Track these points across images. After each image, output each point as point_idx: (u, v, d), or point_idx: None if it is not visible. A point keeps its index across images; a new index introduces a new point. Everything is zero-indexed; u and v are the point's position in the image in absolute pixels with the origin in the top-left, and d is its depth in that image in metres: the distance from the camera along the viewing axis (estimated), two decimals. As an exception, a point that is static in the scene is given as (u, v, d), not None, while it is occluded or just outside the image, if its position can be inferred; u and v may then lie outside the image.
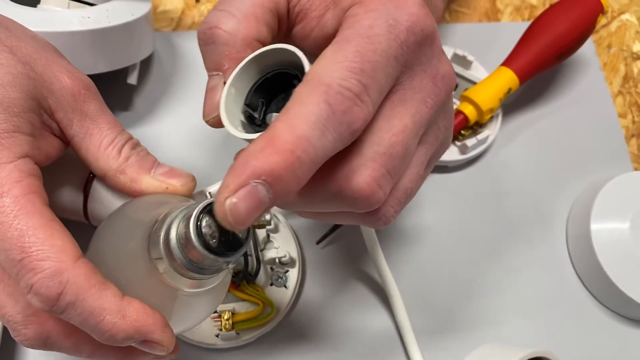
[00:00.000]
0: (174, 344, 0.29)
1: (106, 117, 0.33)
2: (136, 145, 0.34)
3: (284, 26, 0.31)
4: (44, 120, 0.31)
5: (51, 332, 0.30)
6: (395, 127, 0.26)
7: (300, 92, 0.24)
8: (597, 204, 0.48)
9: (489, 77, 0.50)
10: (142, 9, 0.46)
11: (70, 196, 0.37)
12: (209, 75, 0.29)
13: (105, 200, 0.36)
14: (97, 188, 0.36)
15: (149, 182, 0.33)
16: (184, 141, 0.50)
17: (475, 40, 0.58)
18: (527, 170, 0.53)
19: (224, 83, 0.28)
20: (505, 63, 0.51)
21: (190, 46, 0.54)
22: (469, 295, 0.47)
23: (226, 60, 0.28)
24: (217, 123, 0.29)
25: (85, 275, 0.27)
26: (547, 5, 0.58)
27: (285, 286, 0.45)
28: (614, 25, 0.61)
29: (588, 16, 0.51)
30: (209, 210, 0.26)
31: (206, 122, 0.30)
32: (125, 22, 0.44)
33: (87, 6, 0.44)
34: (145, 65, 0.52)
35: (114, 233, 0.30)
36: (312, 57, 0.28)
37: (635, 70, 0.59)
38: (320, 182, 0.26)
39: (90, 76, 0.44)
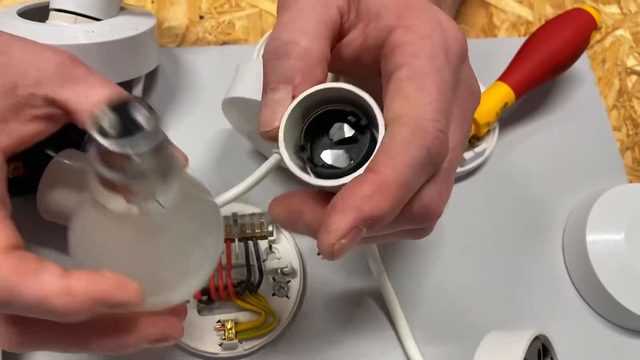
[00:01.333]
0: (142, 297, 0.27)
1: (96, 76, 0.33)
2: None
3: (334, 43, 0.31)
4: (22, 98, 0.31)
5: (9, 334, 0.28)
6: (451, 144, 0.28)
7: (401, 136, 0.26)
8: (593, 216, 0.49)
9: (486, 92, 0.51)
10: (146, 24, 0.47)
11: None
12: (272, 89, 0.29)
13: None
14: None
15: None
16: (188, 154, 0.50)
17: (472, 56, 0.58)
18: (523, 182, 0.54)
19: (293, 97, 0.28)
20: (502, 78, 0.52)
21: (194, 61, 0.55)
22: (467, 305, 0.48)
23: (299, 74, 0.28)
24: (272, 137, 0.28)
25: (13, 267, 0.25)
26: (543, 22, 0.59)
27: (287, 296, 0.45)
28: (608, 41, 0.63)
29: (582, 32, 0.52)
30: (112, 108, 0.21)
31: (263, 133, 0.28)
32: (128, 36, 0.45)
33: (93, 21, 0.45)
34: (150, 79, 0.53)
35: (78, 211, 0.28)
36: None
37: (630, 85, 0.60)
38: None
39: None
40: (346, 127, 0.27)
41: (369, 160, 0.26)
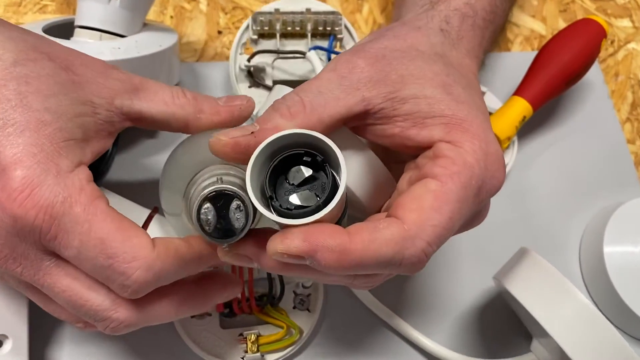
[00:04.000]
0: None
1: (150, 81, 0.35)
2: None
3: (357, 122, 0.32)
4: (101, 118, 0.32)
5: (144, 301, 0.32)
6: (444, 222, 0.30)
7: (390, 235, 0.28)
8: (609, 229, 0.49)
9: (503, 107, 0.52)
10: (170, 40, 0.47)
11: None
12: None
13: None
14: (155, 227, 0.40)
15: (224, 110, 0.35)
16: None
17: (486, 70, 0.59)
18: (540, 195, 0.54)
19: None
20: (518, 92, 0.52)
21: (213, 76, 0.55)
22: (482, 319, 0.48)
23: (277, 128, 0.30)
24: (231, 148, 0.30)
25: (171, 258, 0.31)
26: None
27: (308, 309, 0.46)
28: (620, 54, 0.63)
29: (592, 42, 0.53)
30: (210, 197, 0.29)
31: (221, 140, 0.30)
32: (153, 53, 0.45)
33: (118, 38, 0.45)
34: None
35: None
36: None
37: (643, 98, 0.60)
38: (371, 255, 0.28)
39: None
40: (303, 168, 0.29)
41: (336, 196, 0.27)
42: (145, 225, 0.41)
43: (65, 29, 0.46)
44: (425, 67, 0.33)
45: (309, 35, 0.52)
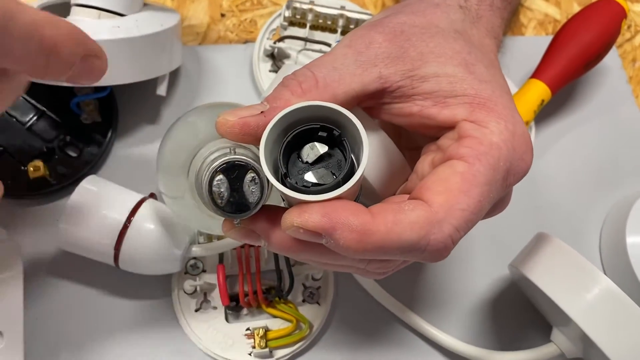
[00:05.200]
0: None
1: None
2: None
3: (372, 101, 0.31)
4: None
5: None
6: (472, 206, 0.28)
7: (416, 217, 0.27)
8: (632, 219, 0.47)
9: (520, 91, 0.50)
10: (172, 20, 0.46)
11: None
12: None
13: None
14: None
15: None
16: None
17: (500, 54, 0.57)
18: (557, 183, 0.52)
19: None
20: (536, 75, 0.51)
21: (216, 60, 0.53)
22: (498, 310, 0.47)
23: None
24: (240, 129, 0.28)
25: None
26: None
27: (318, 302, 0.44)
28: (637, 40, 0.61)
29: (612, 22, 0.51)
30: (223, 169, 0.28)
31: (228, 121, 0.28)
32: (154, 32, 0.43)
33: (117, 16, 0.43)
34: (173, 78, 0.51)
35: None
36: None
37: (662, 84, 0.58)
38: (394, 238, 0.27)
39: (120, 86, 0.45)
40: (317, 144, 0.27)
41: (357, 171, 0.26)
42: (135, 210, 0.39)
43: (62, 8, 0.44)
44: (446, 44, 0.31)
45: (340, 31, 0.51)
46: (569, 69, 0.50)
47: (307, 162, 0.27)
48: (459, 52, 0.31)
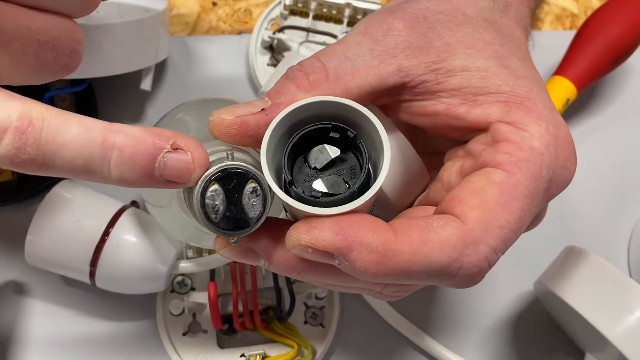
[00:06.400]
0: None
1: None
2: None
3: (389, 98, 0.28)
4: None
5: None
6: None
7: (448, 236, 0.24)
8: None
9: (543, 88, 0.46)
10: (158, 6, 0.42)
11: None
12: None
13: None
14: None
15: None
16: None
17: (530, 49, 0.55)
18: (581, 189, 0.49)
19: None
20: (560, 72, 0.47)
21: (207, 51, 0.50)
22: (521, 333, 0.44)
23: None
24: (238, 130, 0.25)
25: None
26: (589, 14, 0.55)
27: (321, 324, 0.41)
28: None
29: None
30: (219, 177, 0.24)
31: (224, 120, 0.25)
32: (138, 19, 0.40)
33: (97, 0, 0.39)
34: (159, 71, 0.48)
35: None
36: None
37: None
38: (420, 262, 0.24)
39: (100, 80, 0.42)
40: (328, 147, 0.25)
41: (377, 180, 0.23)
42: (114, 220, 0.37)
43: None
44: (475, 34, 0.29)
45: (346, 21, 0.48)
46: (597, 64, 0.47)
47: (315, 168, 0.25)
48: (491, 44, 0.29)
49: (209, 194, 0.24)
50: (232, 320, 0.39)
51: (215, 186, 0.24)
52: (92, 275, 0.36)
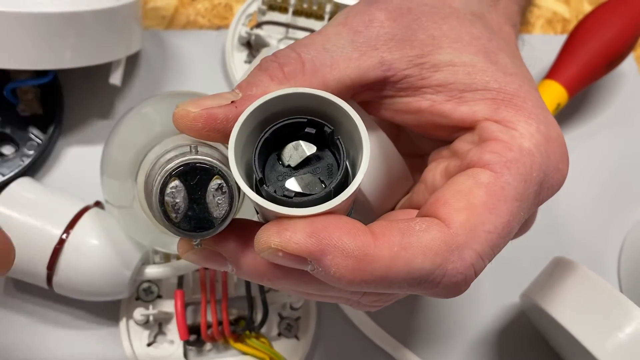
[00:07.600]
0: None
1: None
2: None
3: (370, 94, 0.27)
4: None
5: None
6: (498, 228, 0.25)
7: (431, 240, 0.22)
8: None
9: (534, 92, 0.45)
10: None
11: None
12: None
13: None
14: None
15: None
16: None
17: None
18: (570, 200, 0.48)
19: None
20: (550, 75, 0.46)
21: (183, 47, 0.48)
22: (505, 348, 0.43)
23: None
24: (204, 123, 0.23)
25: None
26: (580, 18, 0.54)
27: (296, 337, 0.39)
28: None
29: (637, 17, 0.47)
30: (180, 172, 0.22)
31: (190, 113, 0.23)
32: (108, 7, 0.38)
33: (63, -13, 0.37)
34: (131, 66, 0.46)
35: None
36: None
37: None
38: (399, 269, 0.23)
39: (66, 72, 0.40)
40: (303, 143, 0.23)
41: (356, 178, 0.21)
42: (75, 221, 0.35)
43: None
44: (462, 28, 0.28)
45: (327, 17, 0.46)
46: (589, 68, 0.46)
47: (289, 166, 0.23)
48: (478, 38, 0.27)
49: (168, 190, 0.22)
50: (200, 331, 0.37)
51: (176, 182, 0.22)
52: (49, 279, 0.34)
